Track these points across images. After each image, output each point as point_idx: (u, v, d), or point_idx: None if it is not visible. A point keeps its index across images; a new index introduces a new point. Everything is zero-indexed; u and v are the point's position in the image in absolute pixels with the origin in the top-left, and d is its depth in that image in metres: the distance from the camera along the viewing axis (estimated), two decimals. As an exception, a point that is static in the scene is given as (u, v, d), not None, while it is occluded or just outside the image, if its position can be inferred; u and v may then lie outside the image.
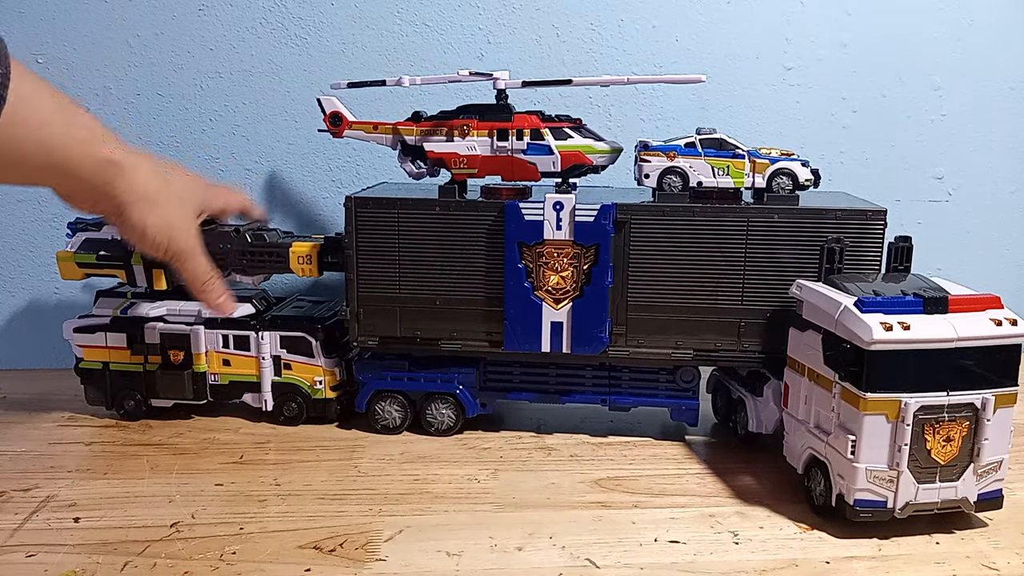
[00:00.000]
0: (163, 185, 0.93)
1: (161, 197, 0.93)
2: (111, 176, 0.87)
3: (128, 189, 0.89)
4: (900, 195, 1.53)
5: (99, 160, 0.86)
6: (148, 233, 0.93)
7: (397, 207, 1.12)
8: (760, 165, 1.10)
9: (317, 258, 1.18)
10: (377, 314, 1.16)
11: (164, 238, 0.95)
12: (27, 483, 1.03)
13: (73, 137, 0.83)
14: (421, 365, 1.19)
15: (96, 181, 0.87)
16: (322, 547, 0.88)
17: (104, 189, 0.88)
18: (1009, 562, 0.86)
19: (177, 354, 1.21)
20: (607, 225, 1.09)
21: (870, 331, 0.87)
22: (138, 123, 1.43)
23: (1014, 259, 1.59)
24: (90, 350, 1.22)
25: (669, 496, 1.01)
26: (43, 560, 0.85)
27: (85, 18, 1.39)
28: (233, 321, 1.20)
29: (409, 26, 1.42)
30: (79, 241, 1.21)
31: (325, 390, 1.21)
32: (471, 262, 1.13)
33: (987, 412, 0.89)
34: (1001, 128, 1.52)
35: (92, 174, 0.86)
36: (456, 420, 1.18)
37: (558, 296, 1.11)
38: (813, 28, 1.46)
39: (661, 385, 1.17)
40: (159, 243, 0.95)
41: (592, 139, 1.13)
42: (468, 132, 1.13)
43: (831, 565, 0.86)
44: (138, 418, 1.22)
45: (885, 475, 0.89)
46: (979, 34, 1.48)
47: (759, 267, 1.09)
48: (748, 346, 1.12)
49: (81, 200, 0.90)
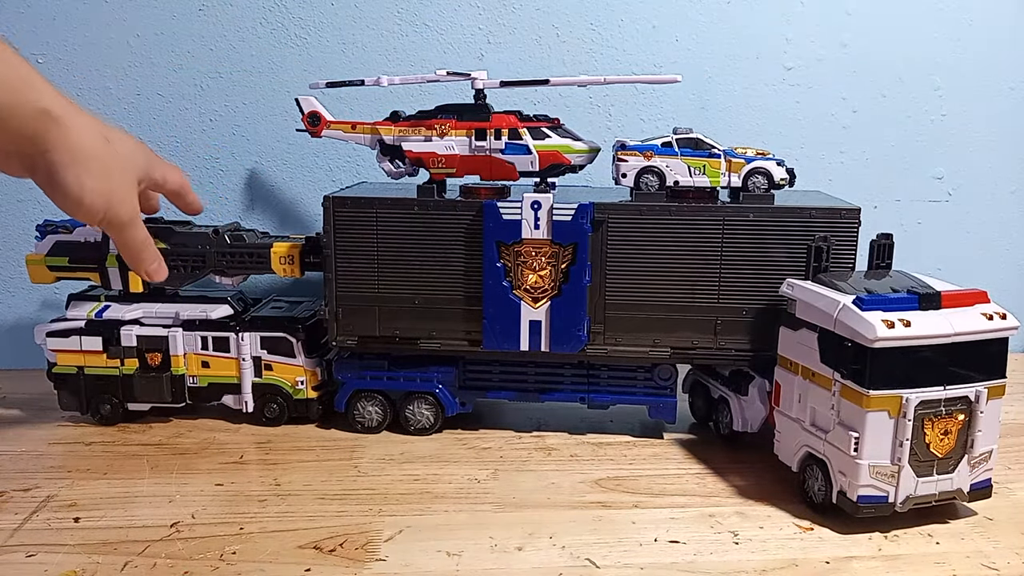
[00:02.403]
0: (102, 146, 0.84)
1: (100, 159, 0.84)
2: (45, 129, 0.78)
3: (63, 146, 0.80)
4: (900, 195, 1.54)
5: (33, 109, 0.77)
6: (85, 199, 0.82)
7: (376, 207, 1.13)
8: (736, 164, 1.10)
9: (299, 258, 1.19)
10: (356, 314, 1.16)
11: (102, 205, 0.85)
12: (27, 483, 1.03)
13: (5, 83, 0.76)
14: (400, 364, 1.20)
15: (27, 133, 0.78)
16: (322, 547, 0.88)
17: (36, 144, 0.79)
18: (1009, 562, 0.86)
19: (155, 357, 1.20)
20: (585, 224, 1.09)
21: (873, 329, 0.87)
22: (138, 123, 1.43)
23: (1014, 259, 1.59)
24: (64, 355, 1.21)
25: (669, 496, 1.01)
26: (43, 560, 0.85)
27: (85, 18, 1.39)
28: (212, 323, 1.20)
29: (409, 26, 1.42)
30: (49, 244, 1.20)
31: (307, 390, 1.21)
32: (450, 261, 1.13)
33: (981, 404, 0.91)
34: (1001, 128, 1.52)
35: (24, 125, 0.77)
36: (435, 419, 1.19)
37: (536, 295, 1.11)
38: (813, 28, 1.46)
39: (639, 383, 1.18)
40: (96, 210, 0.85)
41: (570, 139, 1.14)
42: (446, 132, 1.13)
43: (831, 565, 0.86)
44: (115, 423, 1.21)
45: (887, 470, 0.90)
46: (979, 34, 1.48)
47: (735, 266, 1.11)
48: (725, 344, 1.13)
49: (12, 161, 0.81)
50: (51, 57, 1.39)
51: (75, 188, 0.82)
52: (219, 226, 1.20)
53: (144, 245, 0.94)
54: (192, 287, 1.25)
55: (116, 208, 0.86)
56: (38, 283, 1.23)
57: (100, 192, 0.83)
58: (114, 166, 0.86)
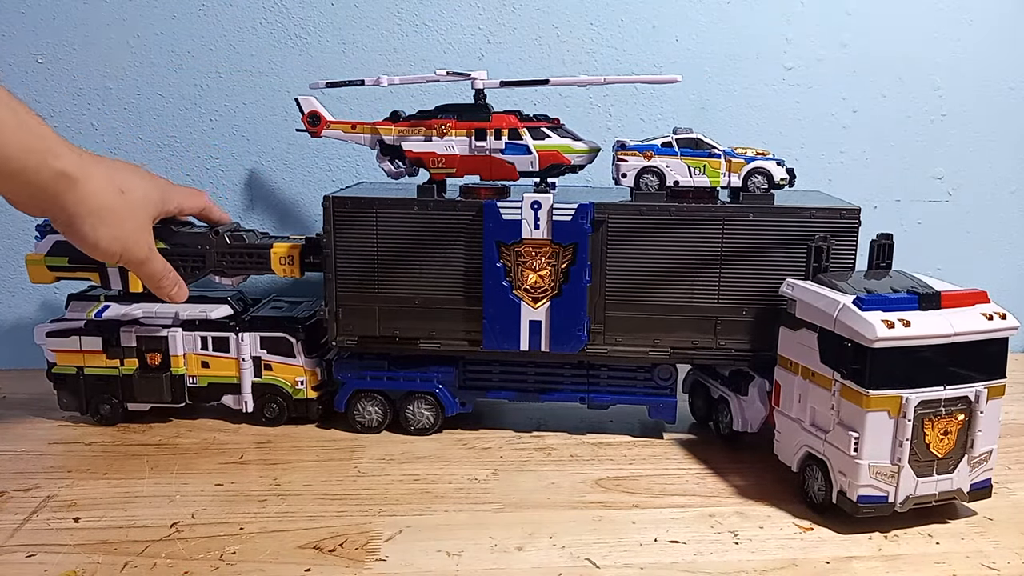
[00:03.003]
0: (116, 199, 0.92)
1: (114, 211, 0.92)
2: (63, 188, 0.86)
3: (80, 202, 0.88)
4: (900, 195, 1.54)
5: (52, 172, 0.84)
6: (101, 245, 0.93)
7: (376, 207, 1.12)
8: (735, 164, 1.10)
9: (299, 258, 1.19)
10: (356, 314, 1.16)
11: (118, 249, 0.95)
12: (27, 483, 1.03)
13: (26, 146, 0.81)
14: (400, 364, 1.20)
15: (46, 192, 0.86)
16: (322, 547, 0.88)
17: (56, 201, 0.87)
18: (1009, 562, 0.86)
19: (154, 357, 1.20)
20: (585, 224, 1.09)
21: (873, 329, 0.87)
22: (138, 123, 1.43)
23: (1014, 259, 1.59)
24: (63, 355, 1.21)
25: (669, 496, 1.01)
26: (43, 560, 0.85)
27: (85, 18, 1.39)
28: (212, 323, 1.20)
29: (409, 26, 1.42)
30: (49, 244, 1.19)
31: (307, 390, 1.21)
32: (450, 261, 1.13)
33: (980, 404, 0.91)
34: (1001, 128, 1.52)
35: (44, 186, 0.85)
36: (435, 419, 1.19)
37: (536, 295, 1.11)
38: (813, 28, 1.46)
39: (639, 383, 1.18)
40: (112, 254, 0.95)
41: (570, 139, 1.14)
42: (446, 132, 1.13)
43: (831, 565, 0.86)
44: (114, 423, 1.21)
45: (887, 470, 0.90)
46: (979, 34, 1.48)
47: (735, 266, 1.10)
48: (724, 344, 1.13)
49: (32, 208, 0.89)
50: (51, 57, 1.39)
51: (91, 237, 0.91)
52: (219, 227, 1.20)
53: (163, 274, 1.04)
54: (192, 287, 1.25)
55: (131, 250, 0.96)
56: (38, 283, 1.23)
57: (115, 238, 0.92)
58: (127, 215, 0.94)
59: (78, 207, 0.88)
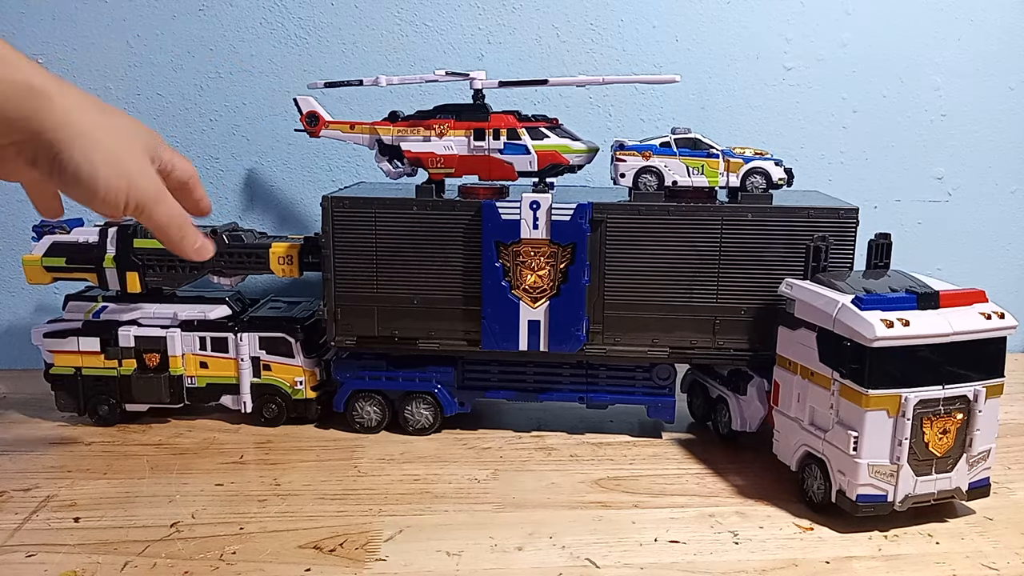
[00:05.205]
0: (102, 117, 0.72)
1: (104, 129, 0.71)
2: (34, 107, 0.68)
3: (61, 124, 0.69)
4: (900, 195, 1.53)
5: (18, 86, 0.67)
6: (100, 177, 0.70)
7: (374, 207, 1.13)
8: (734, 164, 1.11)
9: (298, 258, 1.19)
10: (355, 314, 1.16)
11: (123, 182, 0.71)
12: (27, 483, 1.03)
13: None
14: (399, 364, 1.20)
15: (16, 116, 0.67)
16: (322, 547, 0.88)
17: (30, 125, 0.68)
18: (1009, 562, 0.86)
19: (153, 358, 1.20)
20: (583, 224, 1.09)
21: (872, 329, 0.87)
22: (138, 123, 1.43)
23: (1014, 259, 1.59)
24: (61, 355, 1.21)
25: (669, 496, 1.01)
26: (43, 560, 0.85)
27: (85, 18, 1.39)
28: (210, 323, 1.20)
29: (409, 26, 1.42)
30: (46, 244, 1.20)
31: (306, 390, 1.21)
32: (448, 261, 1.13)
33: (979, 403, 0.91)
34: (1001, 128, 1.52)
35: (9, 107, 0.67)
36: (434, 419, 1.19)
37: (535, 295, 1.12)
38: (813, 28, 1.46)
39: (638, 383, 1.18)
40: (117, 188, 0.71)
41: (568, 139, 1.14)
42: (445, 132, 1.13)
43: (831, 565, 0.86)
44: (113, 423, 1.21)
45: (886, 469, 0.90)
46: (979, 34, 1.48)
47: (733, 265, 1.11)
48: (723, 344, 1.13)
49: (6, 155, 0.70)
50: (51, 57, 1.39)
51: (86, 167, 0.70)
52: (217, 226, 1.20)
53: (183, 220, 0.80)
54: (190, 287, 1.25)
55: (139, 182, 0.73)
56: (34, 284, 1.23)
57: (115, 165, 0.71)
58: (121, 136, 0.73)
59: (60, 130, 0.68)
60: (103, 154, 0.70)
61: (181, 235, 0.79)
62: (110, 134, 0.71)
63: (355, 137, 1.18)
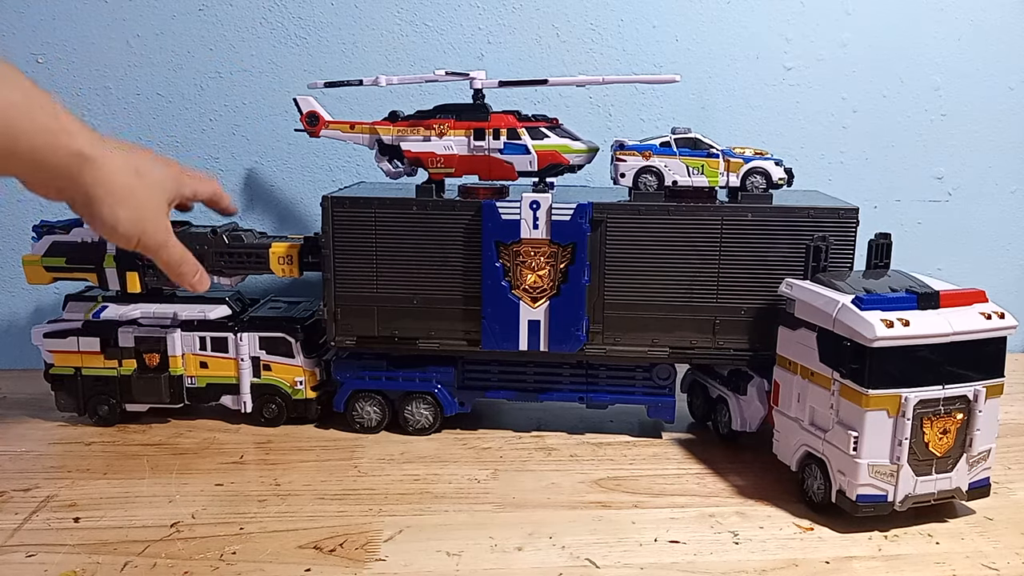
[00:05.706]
0: (134, 179, 0.90)
1: (132, 193, 0.90)
2: (79, 169, 0.84)
3: (97, 183, 0.86)
4: (900, 195, 1.54)
5: (68, 152, 0.82)
6: (120, 228, 0.90)
7: (374, 206, 1.13)
8: (734, 164, 1.11)
9: (298, 258, 1.19)
10: (355, 314, 1.16)
11: (136, 233, 0.91)
12: (27, 483, 1.03)
13: (40, 126, 0.80)
14: (399, 364, 1.20)
15: (64, 173, 0.83)
16: (322, 547, 0.88)
17: (73, 182, 0.84)
18: (1009, 562, 0.86)
19: (152, 358, 1.20)
20: (583, 224, 1.09)
21: (872, 329, 0.87)
22: (138, 123, 1.43)
23: (1014, 259, 1.59)
24: (61, 355, 1.21)
25: (669, 496, 1.01)
26: (43, 560, 0.85)
27: (85, 18, 1.39)
28: (210, 323, 1.20)
29: (409, 26, 1.42)
30: (46, 244, 1.19)
31: (306, 390, 1.21)
32: (448, 261, 1.13)
33: (979, 403, 0.91)
34: (1001, 128, 1.52)
35: (60, 166, 0.82)
36: (434, 419, 1.19)
37: (535, 295, 1.12)
38: (813, 28, 1.46)
39: (638, 383, 1.18)
40: (131, 237, 0.91)
41: (568, 138, 1.14)
42: (445, 132, 1.13)
43: (831, 565, 0.86)
44: (112, 423, 1.21)
45: (886, 469, 0.90)
46: (979, 34, 1.48)
47: (733, 265, 1.11)
48: (723, 344, 1.13)
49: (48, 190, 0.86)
50: (51, 57, 1.39)
51: (110, 220, 0.88)
52: (217, 226, 1.20)
53: (182, 260, 0.99)
54: (190, 287, 1.25)
55: (150, 234, 0.93)
56: (34, 284, 1.23)
57: (134, 221, 0.90)
58: (146, 197, 0.92)
59: (96, 188, 0.86)
60: (125, 211, 0.89)
61: (180, 272, 0.99)
62: (137, 194, 0.90)
63: (355, 137, 1.18)
